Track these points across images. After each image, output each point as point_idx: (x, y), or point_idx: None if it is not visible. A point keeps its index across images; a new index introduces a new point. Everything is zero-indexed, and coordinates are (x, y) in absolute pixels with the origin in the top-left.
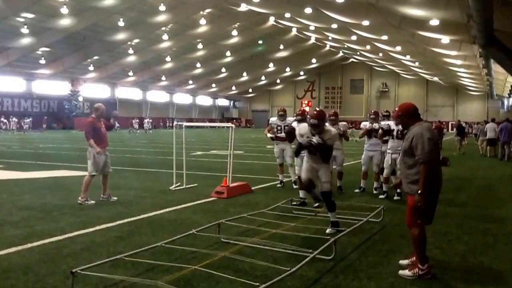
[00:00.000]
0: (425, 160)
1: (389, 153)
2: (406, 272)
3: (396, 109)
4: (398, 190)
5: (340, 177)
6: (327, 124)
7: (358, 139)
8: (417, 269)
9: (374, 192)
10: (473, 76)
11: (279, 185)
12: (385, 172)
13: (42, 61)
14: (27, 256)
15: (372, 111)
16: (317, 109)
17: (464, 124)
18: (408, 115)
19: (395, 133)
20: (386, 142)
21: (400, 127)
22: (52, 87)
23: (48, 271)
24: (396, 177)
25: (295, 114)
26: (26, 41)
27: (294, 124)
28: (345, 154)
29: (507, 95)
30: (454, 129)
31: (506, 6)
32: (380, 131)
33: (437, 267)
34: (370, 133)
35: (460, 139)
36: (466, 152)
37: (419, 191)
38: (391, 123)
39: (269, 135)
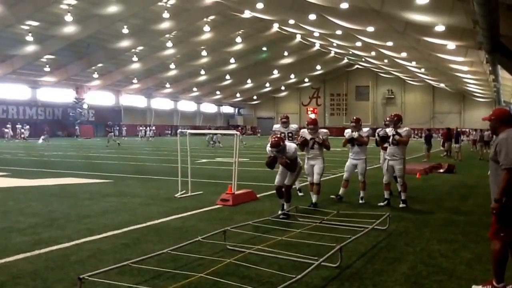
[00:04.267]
0: (508, 166)
1: (386, 159)
2: None
3: (392, 114)
4: (403, 197)
5: (317, 191)
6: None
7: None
8: (490, 286)
9: (360, 202)
10: (479, 83)
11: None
12: (385, 178)
13: (47, 69)
14: (35, 263)
15: (354, 118)
16: None
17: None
18: (500, 121)
19: (390, 139)
20: (385, 149)
21: (393, 132)
22: (56, 94)
23: (56, 278)
24: (399, 183)
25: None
26: (30, 49)
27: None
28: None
29: None
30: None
31: (511, 11)
32: (377, 137)
33: (443, 275)
34: (352, 141)
35: (428, 147)
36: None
37: (496, 198)
38: (388, 130)
39: None
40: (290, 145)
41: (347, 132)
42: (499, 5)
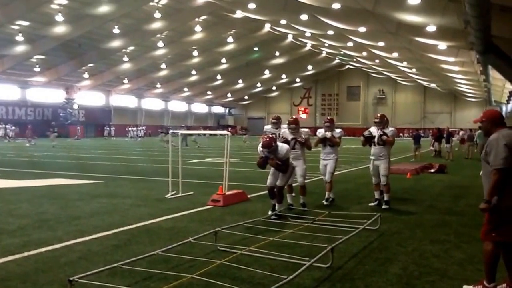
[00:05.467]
0: (497, 166)
1: (372, 159)
2: None
3: (378, 114)
4: (386, 198)
5: (303, 193)
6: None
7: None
8: (481, 286)
9: (325, 203)
10: (470, 83)
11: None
12: (373, 179)
13: (37, 69)
14: (24, 265)
15: (328, 118)
16: None
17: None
18: (492, 122)
19: (376, 139)
20: None
21: (379, 132)
22: (46, 95)
23: (46, 280)
24: (382, 183)
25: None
26: (21, 48)
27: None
28: (338, 161)
29: (505, 102)
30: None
31: (504, 12)
32: (362, 138)
33: (435, 275)
34: (324, 141)
35: (416, 147)
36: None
37: (485, 198)
38: (373, 129)
39: None
40: (282, 146)
41: (320, 132)
42: (492, 6)
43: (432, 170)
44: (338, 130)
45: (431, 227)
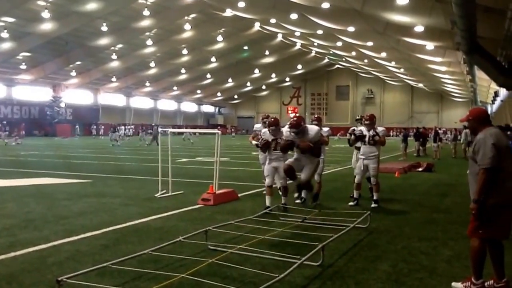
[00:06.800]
0: (485, 166)
1: (361, 158)
2: (458, 285)
3: (367, 115)
4: (375, 198)
5: (285, 193)
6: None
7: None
8: (469, 283)
9: (313, 203)
10: (457, 83)
11: (265, 192)
12: (357, 178)
13: (23, 67)
14: (10, 265)
15: (315, 117)
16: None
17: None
18: (479, 121)
19: (367, 139)
20: (359, 149)
21: (372, 132)
22: (33, 93)
23: (33, 280)
24: (372, 183)
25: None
26: (6, 45)
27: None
28: (326, 160)
29: (491, 102)
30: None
31: (489, 13)
32: (352, 137)
33: (424, 272)
34: None
35: (405, 146)
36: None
37: (474, 198)
38: (363, 129)
39: (253, 142)
40: (313, 127)
41: None
42: (476, 7)
43: (419, 169)
44: (325, 129)
45: (419, 225)
